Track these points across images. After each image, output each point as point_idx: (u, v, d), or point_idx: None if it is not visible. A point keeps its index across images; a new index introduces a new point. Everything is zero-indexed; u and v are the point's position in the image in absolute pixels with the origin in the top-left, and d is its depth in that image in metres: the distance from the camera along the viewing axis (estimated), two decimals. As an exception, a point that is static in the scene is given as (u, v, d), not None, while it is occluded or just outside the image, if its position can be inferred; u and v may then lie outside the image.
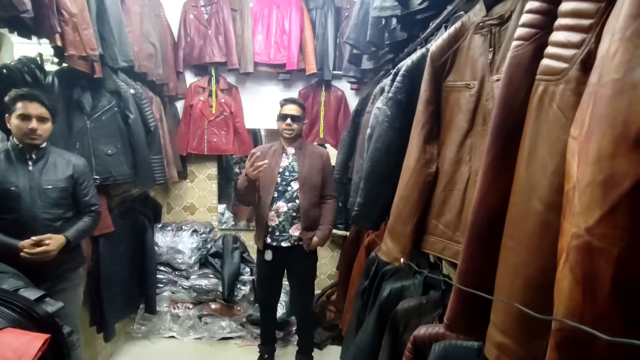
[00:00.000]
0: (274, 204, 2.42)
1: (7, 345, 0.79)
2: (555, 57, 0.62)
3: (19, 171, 1.76)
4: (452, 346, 1.08)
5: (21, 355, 0.77)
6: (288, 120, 2.39)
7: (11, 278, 1.04)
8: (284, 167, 2.45)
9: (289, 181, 2.43)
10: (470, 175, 1.08)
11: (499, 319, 0.73)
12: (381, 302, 1.60)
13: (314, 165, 2.45)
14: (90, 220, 1.98)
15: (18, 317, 0.88)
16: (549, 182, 0.63)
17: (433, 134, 1.20)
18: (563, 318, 0.52)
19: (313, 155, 2.48)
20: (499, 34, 0.98)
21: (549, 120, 0.63)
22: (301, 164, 2.43)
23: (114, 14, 2.28)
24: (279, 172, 2.42)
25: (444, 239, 1.17)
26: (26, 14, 1.53)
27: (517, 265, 0.69)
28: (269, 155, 2.42)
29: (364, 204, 1.57)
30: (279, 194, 2.42)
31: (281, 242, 2.45)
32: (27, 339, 0.83)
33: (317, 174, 2.45)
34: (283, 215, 2.43)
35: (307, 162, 2.44)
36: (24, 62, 2.08)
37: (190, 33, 3.36)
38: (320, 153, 2.52)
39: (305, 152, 2.47)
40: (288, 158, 2.47)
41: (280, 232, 2.45)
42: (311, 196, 2.44)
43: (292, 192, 2.43)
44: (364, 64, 2.75)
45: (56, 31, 1.77)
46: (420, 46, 1.66)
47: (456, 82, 1.12)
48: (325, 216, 2.52)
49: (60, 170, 1.86)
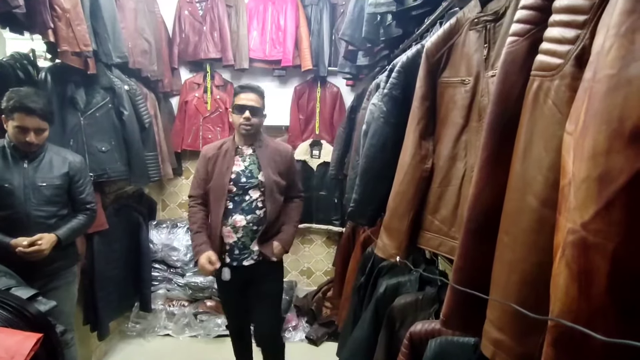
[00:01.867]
0: (229, 217, 1.96)
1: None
2: (550, 53, 0.62)
3: (13, 168, 1.76)
4: (449, 342, 1.08)
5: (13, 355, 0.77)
6: (246, 112, 1.91)
7: (3, 277, 1.03)
8: (239, 172, 1.97)
9: (246, 189, 1.96)
10: (465, 171, 1.08)
11: (495, 315, 0.73)
12: (377, 298, 1.60)
13: (278, 167, 2.02)
14: (85, 219, 1.96)
15: (10, 317, 0.87)
16: (545, 178, 0.63)
17: (429, 130, 1.20)
18: (559, 313, 0.52)
19: (275, 154, 2.03)
20: (494, 30, 0.97)
21: (544, 116, 0.63)
22: (265, 166, 1.98)
23: (107, 10, 2.26)
24: (230, 178, 1.95)
25: (440, 235, 1.17)
26: (18, 9, 1.51)
27: (513, 261, 0.69)
28: (219, 157, 1.99)
29: (359, 200, 1.57)
30: (235, 205, 1.97)
31: (242, 261, 2.00)
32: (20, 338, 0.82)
33: (282, 177, 2.03)
34: (242, 231, 1.97)
35: (270, 164, 1.99)
36: (17, 58, 2.06)
37: (185, 29, 3.34)
38: (284, 151, 2.08)
39: (267, 152, 2.01)
40: (244, 160, 1.99)
41: (240, 250, 1.99)
42: (277, 205, 2.03)
43: (251, 202, 1.97)
44: (360, 60, 2.75)
45: (49, 27, 1.75)
46: (416, 42, 1.66)
47: (451, 78, 1.12)
48: (290, 215, 2.12)
49: (55, 167, 1.85)
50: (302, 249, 3.67)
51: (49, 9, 1.74)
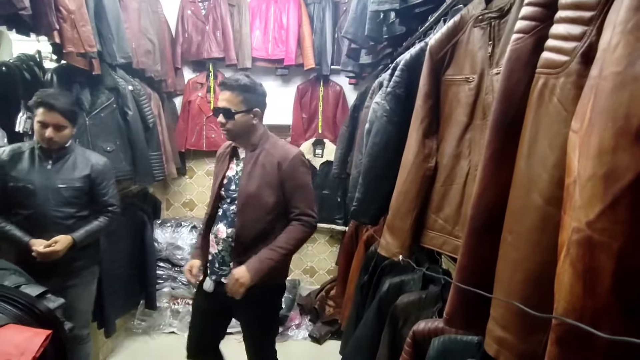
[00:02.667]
0: (215, 225, 1.75)
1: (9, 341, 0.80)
2: (555, 50, 0.62)
3: (37, 169, 1.81)
4: (452, 341, 1.08)
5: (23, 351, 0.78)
6: (219, 117, 1.64)
7: (13, 275, 1.05)
8: (230, 177, 1.74)
9: (232, 197, 1.71)
10: (469, 170, 1.08)
11: (499, 313, 0.72)
12: (380, 296, 1.60)
13: (265, 177, 1.66)
14: (106, 221, 1.97)
15: (20, 314, 0.89)
16: (549, 176, 0.62)
17: (432, 129, 1.20)
18: (564, 312, 0.52)
19: (267, 161, 1.67)
20: (499, 27, 0.97)
21: (549, 114, 0.62)
22: (246, 174, 1.67)
23: (111, 11, 2.27)
24: (222, 183, 1.74)
25: (444, 234, 1.17)
26: (24, 11, 1.53)
27: (516, 259, 0.68)
28: (221, 158, 1.81)
29: (362, 199, 1.57)
30: (222, 212, 1.74)
31: (221, 277, 1.73)
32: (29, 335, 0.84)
33: (270, 189, 1.66)
34: (222, 243, 1.71)
35: (256, 172, 1.67)
36: (23, 60, 2.10)
37: (188, 29, 3.34)
38: (279, 158, 1.67)
39: (259, 158, 1.68)
40: (238, 164, 1.75)
41: (219, 264, 1.74)
42: (253, 220, 1.66)
43: (234, 214, 1.69)
44: (362, 58, 2.74)
45: (54, 28, 1.77)
46: (419, 40, 1.65)
47: (455, 75, 1.12)
48: (278, 240, 1.67)
49: (77, 169, 1.87)
50: (305, 248, 3.67)
51: (54, 10, 1.75)
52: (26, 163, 1.80)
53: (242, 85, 1.63)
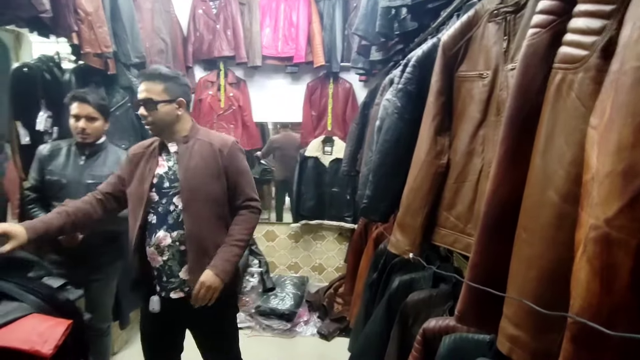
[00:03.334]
0: (153, 234, 1.52)
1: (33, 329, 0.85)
2: (574, 45, 0.61)
3: (71, 164, 1.89)
4: (463, 339, 1.07)
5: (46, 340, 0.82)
6: (141, 109, 1.50)
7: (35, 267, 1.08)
8: (161, 174, 1.55)
9: (170, 196, 1.53)
10: (483, 167, 1.07)
11: (512, 311, 0.72)
12: (390, 294, 1.60)
13: (206, 167, 1.53)
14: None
15: (42, 304, 0.93)
16: (566, 172, 0.61)
17: (444, 125, 1.19)
18: (580, 309, 0.52)
19: (204, 150, 1.55)
20: (514, 21, 0.96)
21: (566, 110, 0.62)
22: (184, 168, 1.52)
23: (126, 12, 2.32)
24: (152, 183, 1.53)
25: (455, 232, 1.16)
26: (45, 13, 1.58)
27: (531, 256, 0.68)
28: (144, 158, 1.58)
29: (372, 196, 1.56)
30: (159, 218, 1.53)
31: (170, 291, 1.54)
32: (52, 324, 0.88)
33: (213, 181, 1.54)
34: (168, 252, 1.52)
35: (194, 164, 1.52)
36: (43, 61, 2.15)
37: (199, 28, 3.36)
38: (218, 145, 1.57)
39: (194, 148, 1.55)
40: (169, 160, 1.57)
41: (167, 276, 1.54)
42: (203, 217, 1.53)
43: (177, 214, 1.52)
44: (373, 55, 2.73)
45: (73, 30, 1.83)
46: (431, 36, 1.64)
47: (469, 72, 1.11)
48: (231, 233, 1.57)
49: (107, 166, 1.92)
50: (314, 245, 3.68)
51: (73, 12, 1.81)
52: (62, 158, 1.89)
53: (163, 74, 1.52)
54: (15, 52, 2.54)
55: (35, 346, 0.79)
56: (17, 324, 0.83)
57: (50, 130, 2.11)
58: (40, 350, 0.79)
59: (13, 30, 2.48)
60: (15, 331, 0.81)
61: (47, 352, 0.79)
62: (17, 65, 2.14)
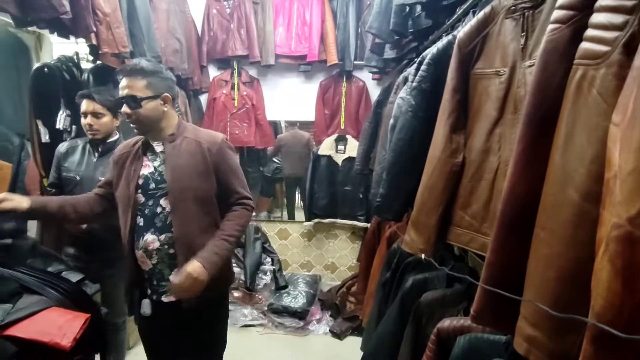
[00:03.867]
0: (141, 237, 1.47)
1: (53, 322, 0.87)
2: (595, 40, 0.60)
3: (85, 162, 1.94)
4: (478, 339, 1.06)
5: (65, 332, 0.84)
6: (124, 106, 1.42)
7: (55, 262, 1.12)
8: (147, 175, 1.49)
9: (156, 197, 1.47)
10: (499, 165, 1.05)
11: (529, 311, 0.71)
12: (404, 293, 1.59)
13: (194, 165, 1.47)
14: None
15: (62, 298, 0.96)
16: (587, 170, 0.60)
17: (460, 124, 1.18)
18: (601, 309, 0.51)
19: (192, 148, 1.48)
20: (533, 17, 0.94)
21: (587, 106, 0.60)
22: (170, 168, 1.46)
23: (143, 12, 2.35)
24: (137, 184, 1.47)
25: (471, 231, 1.15)
26: (65, 15, 1.62)
27: (549, 256, 0.67)
28: (129, 158, 1.52)
29: (386, 194, 1.56)
30: (146, 220, 1.47)
31: (161, 295, 1.51)
32: (70, 317, 0.91)
33: (203, 179, 1.48)
34: (156, 255, 1.48)
35: (182, 162, 1.46)
36: (63, 61, 2.19)
37: (213, 27, 3.39)
38: (207, 143, 1.50)
39: (181, 147, 1.48)
40: (154, 160, 1.51)
41: (157, 280, 1.51)
42: (192, 219, 1.47)
43: (164, 216, 1.47)
44: (387, 53, 2.71)
45: (92, 30, 1.87)
46: (447, 33, 1.62)
47: (485, 69, 1.09)
48: (225, 228, 1.49)
49: None
50: (327, 244, 3.68)
51: (91, 14, 1.85)
52: (77, 156, 1.95)
53: (144, 69, 1.42)
54: (36, 52, 2.60)
55: (55, 339, 0.81)
56: (38, 316, 0.86)
57: (69, 128, 2.14)
58: (60, 343, 0.81)
59: (34, 32, 2.53)
60: (35, 324, 0.84)
61: (66, 344, 0.81)
62: (38, 66, 2.18)
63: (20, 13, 1.57)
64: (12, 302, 0.85)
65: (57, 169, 1.96)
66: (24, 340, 0.79)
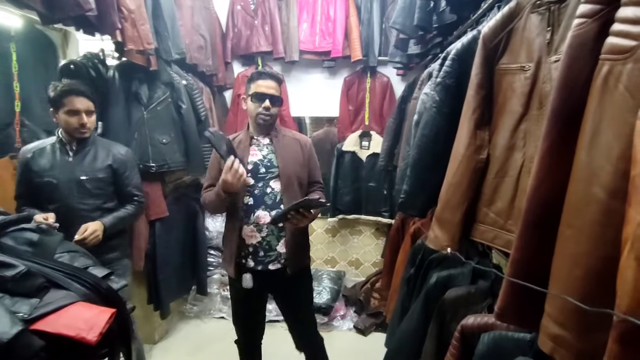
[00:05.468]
0: (251, 214, 1.75)
1: (79, 316, 0.87)
2: (622, 35, 0.58)
3: (59, 163, 1.82)
4: (503, 337, 1.05)
5: (92, 326, 0.84)
6: (266, 102, 1.73)
7: (82, 257, 1.14)
8: (256, 162, 1.78)
9: (267, 180, 1.77)
10: (524, 162, 1.04)
11: (555, 309, 0.70)
12: (428, 290, 1.59)
13: (297, 157, 1.84)
14: (133, 209, 1.99)
15: (88, 292, 0.95)
16: (614, 168, 0.59)
17: (484, 120, 1.17)
18: (627, 308, 0.50)
19: (294, 144, 1.86)
20: (558, 12, 0.92)
21: (614, 102, 0.59)
22: (281, 157, 1.79)
23: (167, 9, 2.38)
24: (247, 170, 1.72)
25: (495, 228, 1.14)
26: (91, 12, 1.64)
27: (576, 254, 0.66)
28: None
29: (410, 191, 1.55)
30: (256, 199, 1.75)
31: (268, 264, 1.77)
32: (97, 311, 0.90)
33: (302, 168, 1.85)
34: (267, 229, 1.76)
35: (289, 154, 1.82)
36: (89, 58, 2.23)
37: (237, 24, 3.43)
38: (303, 141, 1.90)
39: (284, 142, 1.84)
40: (261, 150, 1.81)
41: (265, 251, 1.77)
42: (295, 196, 1.78)
43: (274, 195, 1.77)
44: (411, 48, 2.68)
45: (117, 27, 1.88)
46: (471, 28, 1.60)
47: (510, 64, 1.08)
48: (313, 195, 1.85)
49: (99, 160, 1.88)
50: (351, 240, 3.69)
51: (117, 11, 1.87)
52: (48, 158, 1.82)
53: (281, 79, 1.84)
54: (62, 49, 2.65)
55: (81, 333, 0.81)
56: (64, 311, 0.86)
57: (96, 125, 2.15)
58: (86, 337, 0.81)
59: (61, 29, 2.58)
60: (62, 318, 0.84)
61: (92, 338, 0.81)
62: (64, 62, 2.19)
63: (47, 10, 1.57)
64: (39, 296, 0.85)
65: (26, 176, 1.82)
66: (51, 334, 0.79)
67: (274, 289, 1.92)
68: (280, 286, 1.87)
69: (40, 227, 1.09)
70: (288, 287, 1.87)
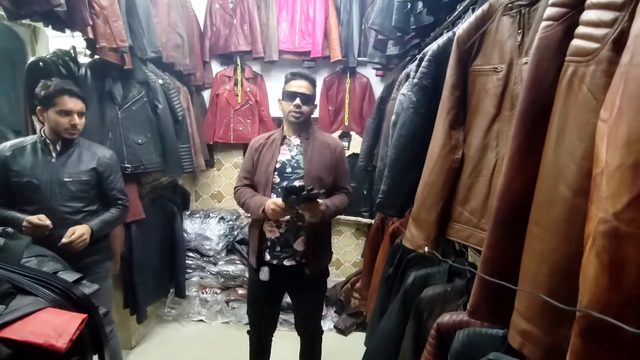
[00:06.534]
0: None
1: (48, 323, 0.83)
2: (586, 37, 0.60)
3: (41, 164, 1.76)
4: (477, 333, 1.07)
5: (61, 333, 0.81)
6: (297, 100, 1.82)
7: (51, 261, 1.10)
8: (284, 161, 1.86)
9: (291, 180, 1.84)
10: (497, 162, 1.06)
11: (523, 306, 0.72)
12: (405, 289, 1.60)
13: (325, 161, 1.87)
14: (118, 212, 1.95)
15: (57, 298, 0.92)
16: (578, 167, 0.61)
17: (459, 120, 1.18)
18: (588, 304, 0.51)
19: (324, 147, 1.89)
20: (529, 15, 0.94)
21: (578, 103, 0.61)
22: (308, 159, 1.84)
23: (142, 6, 2.32)
24: (275, 168, 1.84)
25: (470, 227, 1.16)
26: (60, 7, 1.57)
27: (543, 251, 0.68)
28: (265, 147, 1.91)
29: (388, 191, 1.56)
30: (278, 197, 1.80)
31: (283, 260, 1.86)
32: (66, 318, 0.87)
33: (328, 173, 1.88)
34: (285, 226, 1.85)
35: (316, 157, 1.86)
36: (59, 55, 2.14)
37: (216, 22, 3.39)
38: (333, 145, 1.93)
39: (314, 144, 1.88)
40: (291, 150, 1.89)
41: (282, 247, 1.87)
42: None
43: None
44: (390, 49, 2.71)
45: (88, 24, 1.81)
46: (447, 30, 1.62)
47: (483, 66, 1.10)
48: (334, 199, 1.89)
49: (83, 163, 1.84)
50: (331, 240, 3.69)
51: (87, 6, 1.80)
52: (29, 157, 1.75)
53: (314, 80, 1.91)
54: (31, 46, 2.53)
55: (50, 340, 0.78)
56: (32, 317, 0.82)
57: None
58: (55, 344, 0.77)
59: (29, 25, 2.45)
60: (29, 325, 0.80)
61: (62, 346, 0.78)
62: (33, 60, 2.09)
63: (13, 6, 1.51)
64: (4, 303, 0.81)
65: (3, 175, 1.74)
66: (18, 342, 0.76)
67: (290, 286, 2.00)
68: (296, 284, 1.95)
69: (6, 230, 1.05)
70: (304, 286, 1.95)
